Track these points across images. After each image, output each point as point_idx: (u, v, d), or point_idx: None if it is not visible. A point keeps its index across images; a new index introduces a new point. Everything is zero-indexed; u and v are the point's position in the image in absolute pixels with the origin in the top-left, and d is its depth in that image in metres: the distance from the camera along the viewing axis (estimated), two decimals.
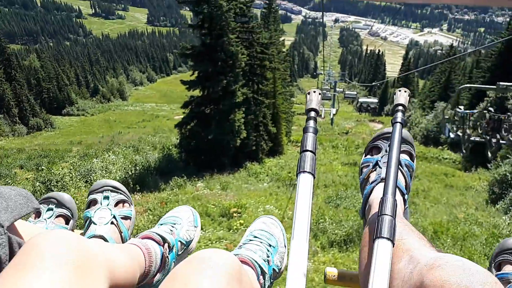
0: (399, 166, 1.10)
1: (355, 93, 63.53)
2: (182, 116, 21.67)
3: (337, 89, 60.79)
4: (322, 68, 75.72)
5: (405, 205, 1.11)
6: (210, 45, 20.14)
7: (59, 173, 14.50)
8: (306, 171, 0.91)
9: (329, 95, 56.02)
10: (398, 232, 0.86)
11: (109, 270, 0.70)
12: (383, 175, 1.12)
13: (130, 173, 18.23)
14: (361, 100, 59.49)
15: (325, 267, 1.28)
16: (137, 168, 19.12)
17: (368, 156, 1.27)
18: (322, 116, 65.28)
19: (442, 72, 46.68)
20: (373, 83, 65.91)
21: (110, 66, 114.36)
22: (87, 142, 46.82)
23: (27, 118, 60.32)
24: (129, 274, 0.83)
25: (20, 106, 58.00)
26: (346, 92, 62.52)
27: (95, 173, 17.41)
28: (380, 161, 1.20)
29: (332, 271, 1.19)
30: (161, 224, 1.20)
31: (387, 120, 61.57)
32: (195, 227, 1.25)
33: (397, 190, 1.01)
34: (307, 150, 0.95)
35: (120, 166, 19.06)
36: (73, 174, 15.37)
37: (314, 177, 0.91)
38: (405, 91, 1.17)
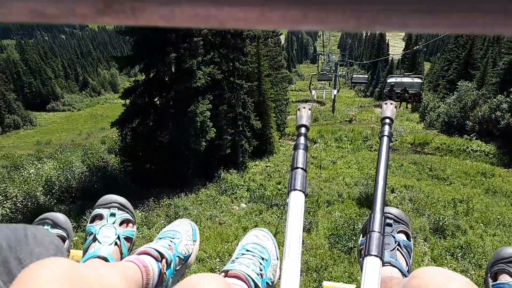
0: (399, 247, 1.10)
1: (366, 76, 55.36)
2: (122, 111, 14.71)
3: (338, 73, 53.96)
4: (322, 51, 68.70)
5: None
6: None
7: None
8: (297, 189, 0.89)
9: (330, 75, 49.08)
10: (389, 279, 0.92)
11: None
12: (386, 259, 1.06)
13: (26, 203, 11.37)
14: (354, 76, 54.44)
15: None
16: (40, 195, 12.25)
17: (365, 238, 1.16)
18: (323, 98, 58.32)
19: (460, 46, 39.18)
20: (376, 60, 59.38)
21: (103, 58, 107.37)
22: (61, 140, 40.51)
23: (2, 115, 54.00)
24: None
25: None
26: (354, 76, 53.93)
27: None
28: None
29: (329, 285, 1.21)
30: (160, 238, 1.15)
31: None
32: (194, 241, 1.20)
33: (398, 272, 1.03)
34: (298, 168, 0.93)
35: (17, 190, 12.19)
36: None
37: (306, 195, 0.89)
38: (391, 104, 1.17)
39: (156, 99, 14.96)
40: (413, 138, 27.84)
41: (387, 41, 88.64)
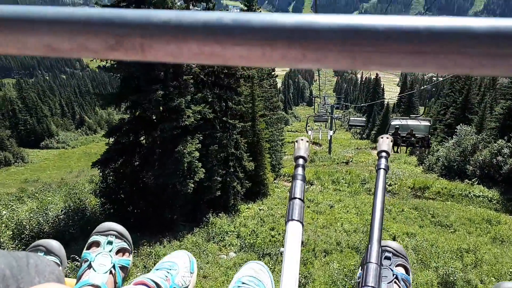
0: (396, 280, 1.10)
1: (364, 119, 53.59)
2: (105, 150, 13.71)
3: (334, 115, 53.68)
4: (318, 94, 69.34)
5: None
6: None
7: None
8: (294, 219, 0.89)
9: (326, 117, 49.19)
10: None
11: None
12: None
13: None
14: (351, 119, 53.26)
15: None
16: (7, 240, 10.98)
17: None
18: (320, 139, 57.69)
19: (457, 91, 39.10)
20: (371, 102, 59.28)
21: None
22: (50, 178, 39.22)
23: None
24: None
25: None
26: (352, 119, 52.27)
27: None
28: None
29: None
30: (157, 269, 1.14)
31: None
32: (191, 273, 1.18)
33: None
34: (296, 198, 0.93)
35: None
36: None
37: (303, 226, 0.89)
38: (387, 138, 1.19)
39: (142, 138, 14.04)
40: (412, 182, 26.82)
41: (382, 85, 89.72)
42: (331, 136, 45.46)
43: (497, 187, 25.19)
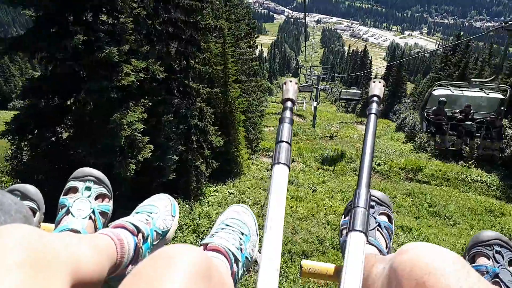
0: (379, 228, 1.10)
1: (359, 91, 41.48)
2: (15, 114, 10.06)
3: (320, 86, 50.24)
4: (304, 66, 65.69)
5: None
6: None
7: None
8: (281, 163, 0.87)
9: (312, 87, 45.30)
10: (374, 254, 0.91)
11: (72, 267, 0.62)
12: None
13: None
14: (343, 91, 42.05)
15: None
16: None
17: (348, 217, 1.09)
18: (304, 110, 54.39)
19: (452, 64, 35.93)
20: (357, 73, 55.17)
21: None
22: None
23: None
24: (96, 267, 0.74)
25: None
26: (344, 91, 41.60)
27: None
28: None
29: (308, 264, 1.13)
30: (137, 213, 1.09)
31: (377, 122, 50.75)
32: (172, 216, 1.14)
33: (376, 250, 1.03)
34: (283, 141, 0.92)
35: None
36: None
37: (289, 169, 0.87)
38: (380, 82, 1.15)
39: (70, 102, 10.42)
40: (404, 162, 23.92)
41: (370, 57, 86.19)
42: (315, 107, 42.22)
43: (496, 172, 22.54)
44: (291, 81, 1.11)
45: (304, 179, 19.54)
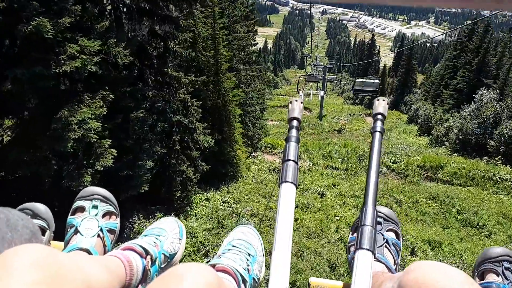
0: (387, 244, 1.09)
1: (377, 81, 32.55)
2: None
3: (329, 76, 47.51)
4: (310, 55, 62.92)
5: None
6: None
7: None
8: (288, 181, 0.87)
9: (319, 77, 42.45)
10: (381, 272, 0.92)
11: (84, 286, 0.62)
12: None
13: None
14: (358, 81, 33.61)
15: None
16: None
17: (356, 234, 1.07)
18: (310, 99, 51.68)
19: (470, 51, 32.95)
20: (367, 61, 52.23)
21: None
22: None
23: None
24: (107, 287, 0.74)
25: None
26: (358, 81, 32.95)
27: None
28: None
29: (316, 282, 1.14)
30: (145, 235, 1.10)
31: (387, 114, 47.84)
32: (180, 239, 1.15)
33: (385, 268, 1.02)
34: (290, 160, 0.92)
35: None
36: None
37: (297, 187, 0.88)
38: (383, 100, 1.17)
39: None
40: (422, 159, 21.25)
41: (378, 47, 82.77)
42: (322, 97, 39.54)
43: None
44: (296, 100, 1.11)
45: (311, 181, 16.98)
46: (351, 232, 1.19)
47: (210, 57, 13.43)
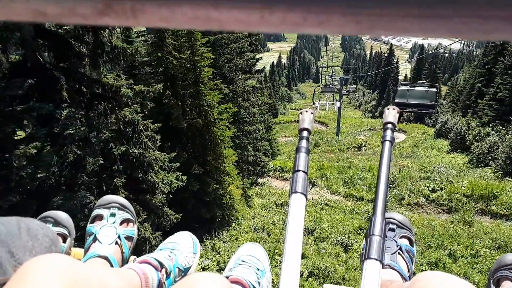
0: (400, 251, 1.08)
1: (434, 89, 20.92)
2: None
3: (347, 87, 43.69)
4: (326, 66, 59.28)
5: None
6: None
7: None
8: (298, 192, 0.87)
9: (334, 88, 39.01)
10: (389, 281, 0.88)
11: None
12: (386, 261, 1.05)
13: None
14: (400, 88, 21.49)
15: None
16: None
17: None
18: (327, 111, 47.99)
19: (509, 54, 28.31)
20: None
21: None
22: None
23: None
24: None
25: None
26: (401, 89, 21.12)
27: None
28: None
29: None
30: (160, 250, 1.12)
31: (411, 128, 43.33)
32: (194, 254, 1.16)
33: (398, 275, 1.01)
34: (300, 170, 0.91)
35: None
36: None
37: (307, 198, 0.88)
38: (394, 109, 1.14)
39: None
40: (469, 187, 16.63)
41: (396, 57, 78.03)
42: (339, 108, 35.56)
43: None
44: (306, 111, 1.09)
45: (330, 222, 12.65)
46: (364, 240, 1.07)
47: (185, 61, 9.47)
